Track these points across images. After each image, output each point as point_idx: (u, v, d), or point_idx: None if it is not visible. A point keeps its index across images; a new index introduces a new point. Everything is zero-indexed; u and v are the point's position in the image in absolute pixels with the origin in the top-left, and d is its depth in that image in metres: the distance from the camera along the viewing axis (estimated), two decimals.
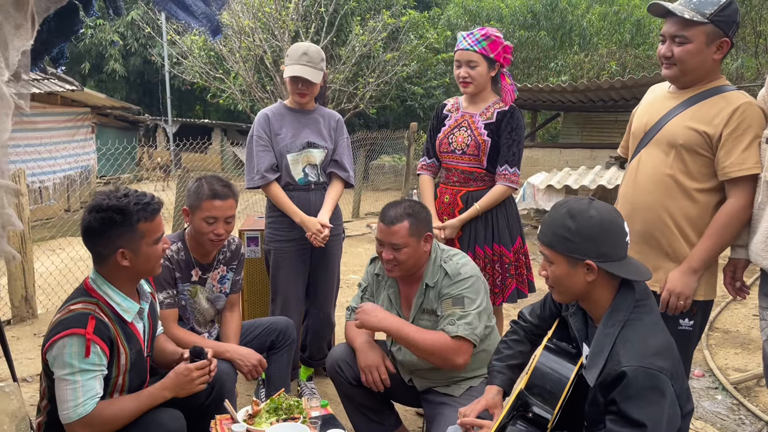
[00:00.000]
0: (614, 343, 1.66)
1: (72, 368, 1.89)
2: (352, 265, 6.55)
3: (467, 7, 15.10)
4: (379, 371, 2.38)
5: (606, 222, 1.71)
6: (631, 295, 1.73)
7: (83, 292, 2.04)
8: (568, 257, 1.73)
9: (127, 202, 2.00)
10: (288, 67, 3.01)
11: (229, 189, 2.60)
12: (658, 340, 1.64)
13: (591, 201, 1.75)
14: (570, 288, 1.77)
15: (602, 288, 1.74)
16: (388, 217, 2.36)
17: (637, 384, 1.55)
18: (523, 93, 9.78)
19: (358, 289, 2.72)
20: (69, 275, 5.42)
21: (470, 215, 2.95)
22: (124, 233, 1.99)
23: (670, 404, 1.57)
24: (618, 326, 1.68)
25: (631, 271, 1.72)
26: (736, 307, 4.95)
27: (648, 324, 1.68)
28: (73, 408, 1.90)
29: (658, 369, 1.57)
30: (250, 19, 10.43)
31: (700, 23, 2.05)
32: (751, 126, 2.07)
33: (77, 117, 10.29)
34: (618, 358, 1.61)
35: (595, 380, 1.66)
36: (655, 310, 1.75)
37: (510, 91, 3.01)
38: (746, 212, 2.10)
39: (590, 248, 1.70)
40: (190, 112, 21.25)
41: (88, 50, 18.11)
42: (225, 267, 2.80)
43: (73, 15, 1.90)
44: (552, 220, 1.78)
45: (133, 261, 2.03)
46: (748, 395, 3.50)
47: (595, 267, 1.70)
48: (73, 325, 1.90)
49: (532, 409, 1.84)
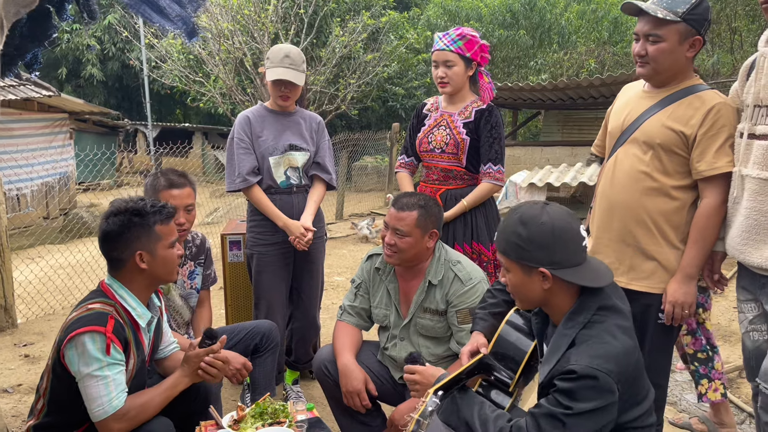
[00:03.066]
0: (570, 344, 1.64)
1: (100, 363, 1.90)
2: (337, 267, 6.54)
3: (446, 7, 15.15)
4: (360, 397, 2.41)
5: (558, 228, 1.67)
6: (594, 299, 1.69)
7: (101, 293, 2.06)
8: (522, 265, 1.70)
9: (144, 204, 2.08)
10: (270, 70, 2.99)
11: (185, 178, 2.68)
12: (616, 344, 1.60)
13: (544, 206, 1.72)
14: (527, 296, 1.75)
15: (560, 294, 1.71)
16: (400, 203, 2.43)
17: (580, 379, 1.54)
18: (504, 92, 9.84)
19: (351, 285, 2.73)
20: (49, 283, 5.35)
21: (458, 211, 2.97)
22: (142, 235, 2.04)
23: (608, 405, 1.54)
24: (577, 328, 1.65)
25: (587, 278, 1.68)
26: (718, 300, 5.02)
27: (607, 327, 1.64)
28: (108, 402, 1.91)
29: (606, 371, 1.53)
30: (229, 22, 10.37)
31: (673, 22, 2.07)
32: (725, 126, 2.11)
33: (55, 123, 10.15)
34: (569, 358, 1.60)
35: (545, 377, 1.66)
36: (620, 312, 1.71)
37: (488, 89, 3.03)
38: (722, 209, 2.14)
39: (543, 256, 1.66)
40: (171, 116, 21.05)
41: (65, 55, 17.86)
42: (192, 262, 2.86)
43: (47, 20, 1.88)
44: (505, 226, 1.75)
45: (151, 264, 2.07)
46: (730, 387, 3.55)
47: (549, 275, 1.67)
48: (94, 323, 1.91)
49: (493, 374, 1.89)
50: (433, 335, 2.50)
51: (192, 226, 2.76)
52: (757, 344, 2.09)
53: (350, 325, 2.63)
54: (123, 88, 19.71)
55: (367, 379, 2.44)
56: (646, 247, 2.24)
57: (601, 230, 2.37)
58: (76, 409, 1.96)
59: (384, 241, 2.47)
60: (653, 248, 2.23)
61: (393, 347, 2.57)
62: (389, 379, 2.59)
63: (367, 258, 2.70)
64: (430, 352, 2.50)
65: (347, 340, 2.56)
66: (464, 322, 2.39)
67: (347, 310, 2.65)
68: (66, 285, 5.34)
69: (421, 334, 2.52)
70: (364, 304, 2.65)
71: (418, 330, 2.52)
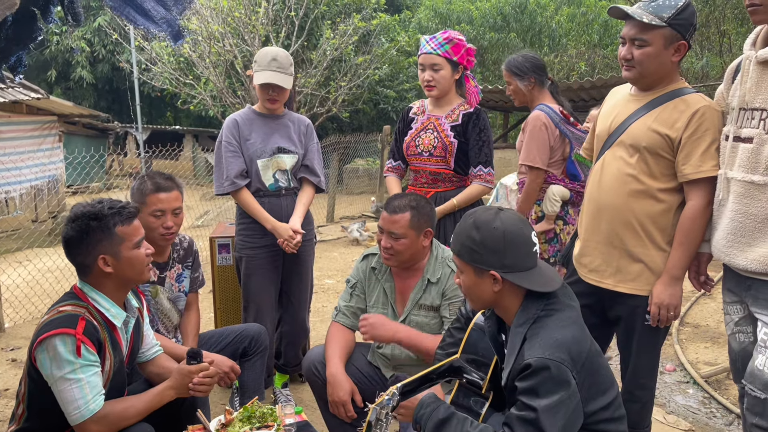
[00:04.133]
0: (524, 339, 1.69)
1: (72, 365, 1.87)
2: (327, 270, 6.52)
3: (438, 10, 15.18)
4: (346, 409, 2.40)
5: (509, 233, 1.72)
6: (540, 299, 1.74)
7: (73, 295, 2.04)
8: (474, 267, 1.76)
9: (101, 207, 2.02)
10: (258, 73, 2.99)
11: (173, 181, 2.66)
12: (565, 333, 1.65)
13: (498, 212, 1.77)
14: (479, 296, 1.80)
15: (510, 297, 1.77)
16: (392, 206, 2.44)
17: (537, 373, 1.58)
18: (495, 94, 9.85)
19: (346, 285, 2.73)
20: (37, 287, 5.31)
21: (448, 208, 2.98)
22: (102, 239, 1.99)
23: (570, 395, 1.59)
24: (528, 324, 1.71)
25: (536, 282, 1.73)
26: (706, 302, 5.05)
27: (557, 319, 1.70)
28: (84, 405, 1.88)
29: (559, 360, 1.59)
30: (220, 24, 10.34)
31: (658, 27, 2.09)
32: (710, 129, 2.12)
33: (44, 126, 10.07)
34: (523, 353, 1.65)
35: (506, 378, 1.70)
36: (569, 307, 1.75)
37: (474, 93, 3.05)
38: (707, 212, 2.15)
39: (494, 259, 1.72)
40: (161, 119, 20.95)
41: (54, 57, 17.75)
42: (180, 265, 2.85)
43: (31, 22, 1.86)
44: (460, 229, 1.80)
45: (116, 266, 2.03)
46: (718, 388, 3.57)
47: (500, 278, 1.72)
48: (64, 325, 1.89)
49: (464, 376, 1.92)
50: (427, 332, 2.50)
51: (180, 229, 2.75)
52: (743, 346, 2.10)
53: (344, 327, 2.63)
54: (113, 91, 19.60)
55: (354, 390, 2.44)
56: (633, 249, 2.25)
57: (588, 233, 2.38)
58: (57, 414, 1.93)
59: (380, 245, 2.48)
60: (640, 250, 2.24)
61: (387, 345, 2.57)
62: (379, 379, 2.59)
63: (362, 258, 2.71)
64: None
65: (338, 347, 2.55)
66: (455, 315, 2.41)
67: (342, 311, 2.65)
68: (54, 289, 5.30)
69: None
70: (359, 304, 2.65)
71: (412, 327, 2.52)
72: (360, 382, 2.53)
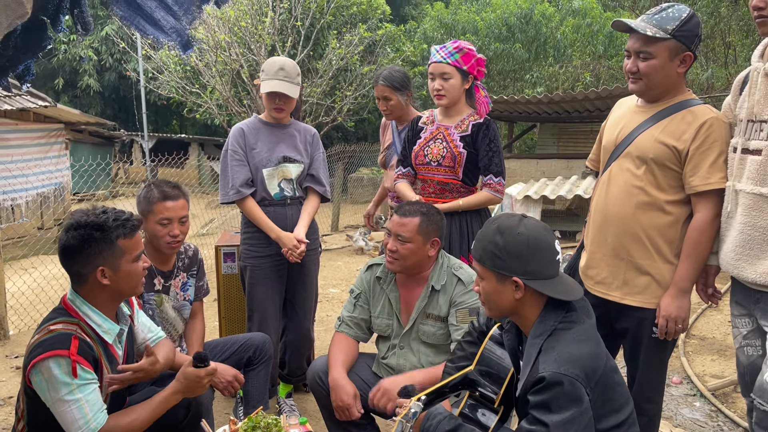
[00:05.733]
0: (539, 351, 1.67)
1: (69, 387, 1.82)
2: (332, 279, 6.52)
3: (443, 21, 15.24)
4: (350, 413, 2.39)
5: (533, 240, 1.71)
6: (559, 310, 1.72)
7: (62, 311, 1.98)
8: (496, 273, 1.74)
9: (106, 218, 1.96)
10: (264, 82, 3.00)
11: (179, 189, 2.66)
12: (581, 348, 1.64)
13: (521, 218, 1.76)
14: (499, 304, 1.78)
15: (531, 305, 1.75)
16: (402, 210, 2.47)
17: (550, 388, 1.57)
18: (500, 105, 9.88)
19: (350, 296, 2.72)
20: (42, 295, 5.32)
21: (452, 207, 2.95)
22: (103, 250, 1.94)
23: (582, 412, 1.57)
24: (545, 336, 1.69)
25: (558, 291, 1.71)
26: (712, 314, 5.02)
27: (574, 332, 1.68)
28: (85, 425, 1.84)
29: (573, 376, 1.57)
30: (226, 34, 10.41)
31: (663, 39, 2.08)
32: (717, 141, 2.11)
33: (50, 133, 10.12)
34: (538, 365, 1.63)
35: (521, 389, 1.69)
36: (587, 320, 1.74)
37: (485, 103, 3.04)
38: (715, 224, 2.14)
39: (517, 265, 1.71)
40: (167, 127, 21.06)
41: (62, 66, 17.88)
42: (185, 273, 2.84)
43: (41, 31, 1.87)
44: (483, 235, 1.79)
45: (114, 279, 1.97)
46: (725, 401, 3.54)
47: (522, 284, 1.70)
48: (57, 346, 1.83)
49: (478, 390, 1.91)
50: (434, 342, 2.50)
51: (186, 237, 2.75)
52: (752, 359, 2.08)
53: (348, 337, 2.62)
54: (119, 99, 19.73)
55: (357, 395, 2.43)
56: (640, 261, 2.24)
57: (595, 245, 2.37)
58: (58, 430, 1.89)
59: (386, 248, 2.49)
60: (647, 263, 2.23)
61: (392, 356, 2.57)
62: None
63: (366, 268, 2.70)
64: (429, 360, 2.50)
65: (341, 354, 2.55)
66: (462, 321, 2.42)
67: (346, 321, 2.64)
68: (59, 296, 5.28)
69: (422, 341, 2.53)
70: (363, 315, 2.64)
71: (419, 336, 2.53)
72: (364, 392, 2.51)
